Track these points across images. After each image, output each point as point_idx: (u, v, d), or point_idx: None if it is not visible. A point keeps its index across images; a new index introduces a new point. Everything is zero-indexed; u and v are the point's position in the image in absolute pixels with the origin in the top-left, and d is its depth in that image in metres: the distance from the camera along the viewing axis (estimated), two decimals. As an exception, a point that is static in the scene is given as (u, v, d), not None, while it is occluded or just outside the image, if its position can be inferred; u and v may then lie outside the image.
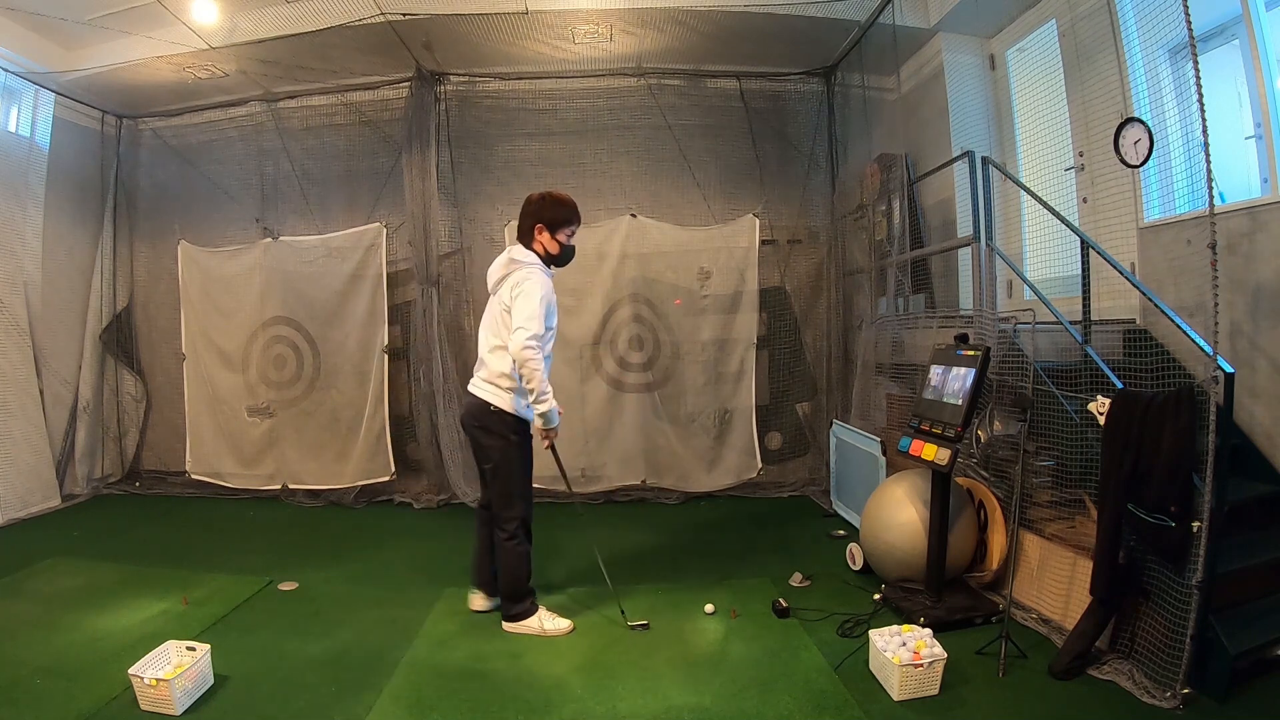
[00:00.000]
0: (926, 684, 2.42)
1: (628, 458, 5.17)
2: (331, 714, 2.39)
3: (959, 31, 4.57)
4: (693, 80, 5.43)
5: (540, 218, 2.99)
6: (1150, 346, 2.69)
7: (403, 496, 5.23)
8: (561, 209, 3.01)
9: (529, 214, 3.02)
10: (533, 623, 2.99)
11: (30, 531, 4.62)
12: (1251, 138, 3.16)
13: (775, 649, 2.82)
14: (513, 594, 3.02)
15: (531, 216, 3.01)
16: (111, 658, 2.73)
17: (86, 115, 5.62)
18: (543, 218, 2.99)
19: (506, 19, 4.48)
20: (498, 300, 2.95)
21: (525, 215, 3.04)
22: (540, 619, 3.00)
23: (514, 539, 2.97)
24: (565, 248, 3.03)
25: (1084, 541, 2.85)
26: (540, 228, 2.99)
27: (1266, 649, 2.42)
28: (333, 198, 5.63)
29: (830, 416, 5.14)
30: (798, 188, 5.51)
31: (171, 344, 5.71)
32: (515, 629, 3.00)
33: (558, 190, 3.10)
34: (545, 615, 3.01)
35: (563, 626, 2.99)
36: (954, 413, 2.97)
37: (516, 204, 5.27)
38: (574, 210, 3.06)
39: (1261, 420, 2.94)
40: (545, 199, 3.03)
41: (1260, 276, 2.91)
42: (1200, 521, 2.29)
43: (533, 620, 2.99)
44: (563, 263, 3.07)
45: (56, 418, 5.35)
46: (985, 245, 3.54)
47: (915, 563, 3.14)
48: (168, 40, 4.51)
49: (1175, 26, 2.76)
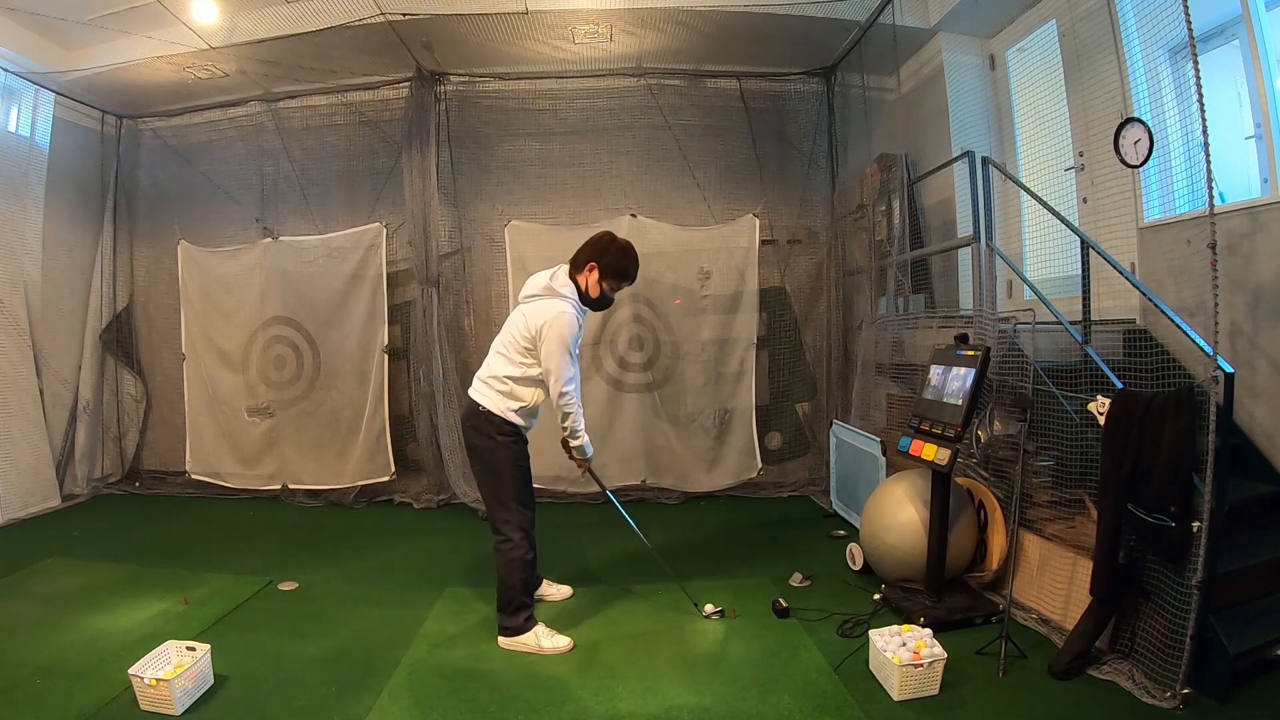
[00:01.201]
0: (926, 684, 2.42)
1: (627, 458, 5.17)
2: (331, 714, 2.39)
3: (959, 31, 4.57)
4: (693, 80, 5.43)
5: (600, 258, 2.93)
6: (1150, 346, 2.69)
7: (403, 496, 5.23)
8: (625, 261, 2.98)
9: (594, 247, 2.96)
10: (529, 639, 2.85)
11: (30, 531, 4.63)
12: (1251, 138, 3.16)
13: (775, 649, 2.82)
14: (505, 604, 2.88)
15: (593, 251, 2.95)
16: (111, 658, 2.73)
17: (86, 115, 5.62)
18: (602, 260, 2.93)
19: (506, 19, 4.48)
20: (522, 314, 2.91)
21: (590, 246, 2.97)
22: (537, 636, 2.85)
23: (507, 542, 2.87)
24: (605, 297, 3.00)
25: (1084, 541, 2.85)
26: (594, 266, 2.93)
27: (1266, 649, 2.42)
28: (333, 198, 5.63)
29: (830, 416, 5.14)
30: (798, 188, 5.51)
31: (171, 344, 5.71)
32: (510, 645, 2.86)
33: (632, 246, 3.05)
34: (543, 632, 2.87)
35: (561, 645, 2.84)
36: (954, 413, 2.97)
37: (517, 204, 5.40)
38: (636, 269, 3.04)
39: (1261, 420, 2.94)
40: (619, 246, 2.99)
41: (1260, 276, 2.91)
42: (1200, 521, 2.29)
43: (529, 637, 2.85)
44: (597, 308, 3.04)
45: (56, 418, 5.35)
46: (985, 245, 3.54)
47: (915, 563, 3.14)
48: (168, 40, 4.51)
49: (1175, 26, 2.76)
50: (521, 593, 2.90)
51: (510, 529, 2.89)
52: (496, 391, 2.88)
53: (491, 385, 2.89)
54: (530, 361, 2.87)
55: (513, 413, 2.88)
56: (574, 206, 5.42)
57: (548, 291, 2.89)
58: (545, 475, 5.20)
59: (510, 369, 2.87)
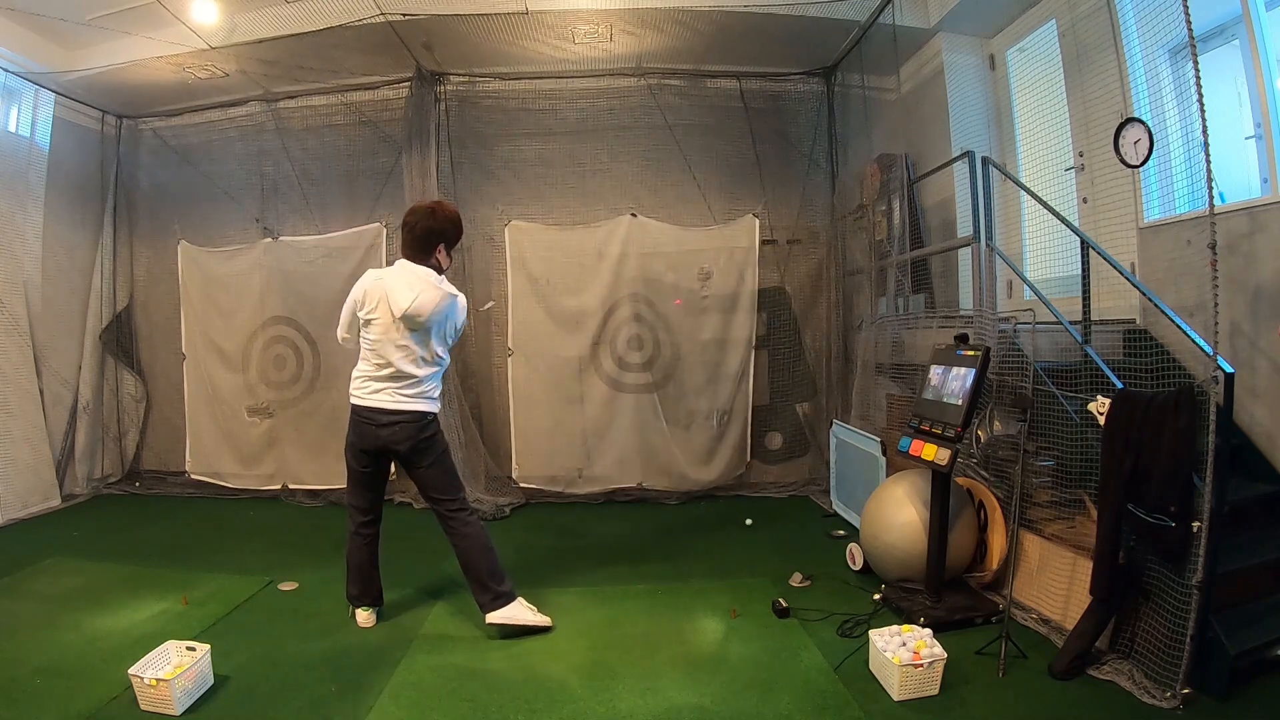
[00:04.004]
0: (926, 684, 2.42)
1: (626, 458, 5.17)
2: (331, 714, 2.39)
3: (959, 31, 4.57)
4: (693, 80, 5.43)
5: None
6: (1150, 346, 2.69)
7: (402, 496, 5.22)
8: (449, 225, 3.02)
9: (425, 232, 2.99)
10: (523, 613, 2.95)
11: (30, 531, 4.62)
12: (1251, 138, 3.16)
13: (775, 649, 2.82)
14: (493, 572, 2.96)
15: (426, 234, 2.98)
16: (111, 658, 2.73)
17: (86, 115, 5.62)
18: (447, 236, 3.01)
19: (506, 19, 4.48)
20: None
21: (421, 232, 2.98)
22: (524, 607, 2.97)
23: (473, 514, 3.01)
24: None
25: (1084, 541, 2.85)
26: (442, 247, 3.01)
27: (1266, 649, 2.42)
28: (333, 197, 5.62)
29: (830, 416, 5.13)
30: (798, 188, 5.51)
31: (171, 344, 5.71)
32: (504, 618, 2.92)
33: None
34: (523, 603, 2.99)
35: (544, 618, 2.98)
36: (954, 413, 2.97)
37: (516, 204, 5.41)
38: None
39: (1261, 420, 2.95)
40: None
41: (1260, 276, 2.91)
42: (1200, 521, 2.29)
43: (518, 608, 2.95)
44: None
45: (56, 418, 5.34)
46: (985, 245, 3.54)
47: (915, 563, 3.14)
48: (168, 40, 4.51)
49: (1175, 26, 2.76)
50: (495, 568, 2.98)
51: (468, 503, 3.08)
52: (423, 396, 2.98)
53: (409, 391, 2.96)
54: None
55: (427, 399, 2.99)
56: (574, 206, 5.41)
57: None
58: (539, 476, 5.22)
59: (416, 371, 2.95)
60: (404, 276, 2.88)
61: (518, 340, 5.25)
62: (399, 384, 2.89)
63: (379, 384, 2.90)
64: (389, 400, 2.89)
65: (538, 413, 5.22)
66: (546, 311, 5.23)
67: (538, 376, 5.21)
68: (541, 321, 5.23)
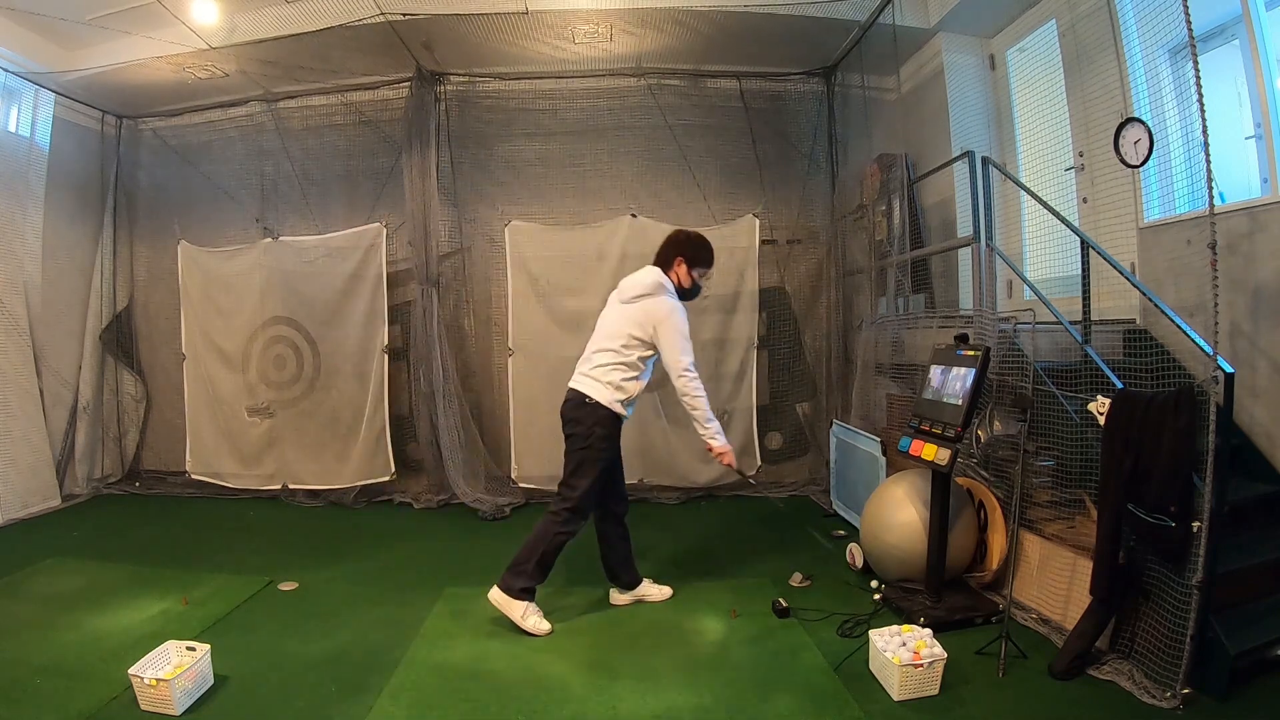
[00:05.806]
0: (926, 684, 2.42)
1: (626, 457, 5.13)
2: (331, 714, 2.39)
3: (959, 31, 4.57)
4: (693, 80, 5.43)
5: (683, 252, 3.17)
6: (1150, 346, 2.69)
7: (403, 496, 5.23)
8: (705, 251, 3.21)
9: (675, 244, 3.20)
10: (516, 608, 2.97)
11: (30, 531, 4.62)
12: (1251, 138, 3.16)
13: (775, 649, 2.82)
14: (516, 564, 3.00)
15: (676, 247, 3.19)
16: (111, 658, 2.73)
17: (86, 115, 5.62)
18: (685, 253, 3.17)
19: (506, 19, 4.48)
20: (624, 312, 3.11)
21: (671, 244, 3.21)
22: (525, 611, 2.97)
23: (556, 517, 3.02)
24: (695, 286, 3.24)
25: (1084, 541, 2.85)
26: (681, 260, 3.16)
27: (1266, 649, 2.42)
28: (333, 198, 5.63)
29: (830, 416, 5.13)
30: (798, 188, 5.51)
31: (171, 344, 5.71)
32: (497, 600, 2.98)
33: (702, 235, 3.27)
34: (532, 610, 2.99)
35: (543, 628, 2.97)
36: (954, 413, 2.96)
37: (517, 204, 5.40)
38: (712, 255, 3.26)
39: (1261, 420, 2.94)
40: (694, 237, 3.23)
41: (1260, 276, 2.91)
42: (1200, 521, 2.29)
43: (517, 605, 2.97)
44: (687, 297, 3.21)
45: (56, 418, 5.35)
46: (985, 245, 3.54)
47: (915, 563, 3.14)
48: (168, 40, 4.51)
49: (1175, 26, 2.76)
50: (536, 566, 2.99)
51: (565, 506, 3.03)
52: (604, 384, 3.06)
53: (599, 378, 3.06)
54: (640, 357, 3.07)
55: (618, 404, 3.06)
56: (574, 206, 5.42)
57: (656, 289, 3.08)
58: (539, 476, 5.22)
59: (619, 363, 3.06)
60: None
61: (518, 340, 5.25)
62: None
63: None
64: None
65: (538, 413, 5.22)
66: (546, 311, 5.23)
67: (538, 376, 5.20)
68: (541, 322, 5.23)
